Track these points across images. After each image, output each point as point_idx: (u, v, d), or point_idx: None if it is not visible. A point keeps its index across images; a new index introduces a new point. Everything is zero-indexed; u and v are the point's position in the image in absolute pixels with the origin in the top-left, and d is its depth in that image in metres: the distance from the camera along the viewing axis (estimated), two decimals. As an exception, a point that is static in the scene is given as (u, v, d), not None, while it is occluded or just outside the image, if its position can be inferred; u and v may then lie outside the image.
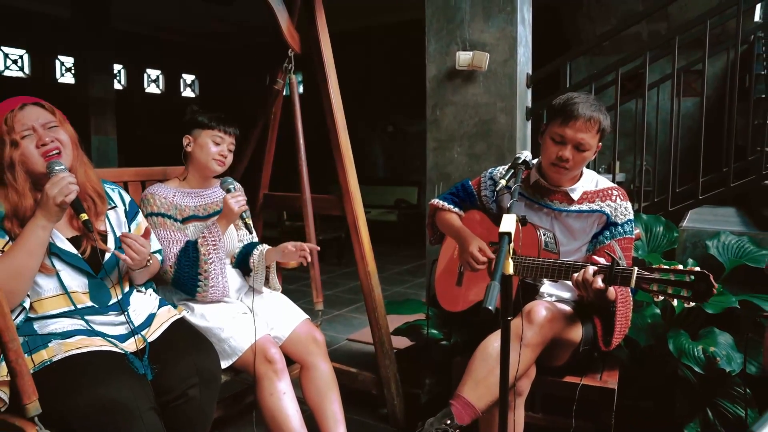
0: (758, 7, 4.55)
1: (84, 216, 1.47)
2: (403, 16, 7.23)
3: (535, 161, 1.88)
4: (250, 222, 1.92)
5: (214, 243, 1.86)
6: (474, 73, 2.77)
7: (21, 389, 1.30)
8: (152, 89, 9.10)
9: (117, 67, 8.07)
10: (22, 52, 7.45)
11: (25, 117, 1.52)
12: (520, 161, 1.71)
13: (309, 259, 2.04)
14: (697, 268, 1.41)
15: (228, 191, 1.92)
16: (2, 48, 7.23)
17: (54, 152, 1.53)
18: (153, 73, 9.09)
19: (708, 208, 3.24)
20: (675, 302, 1.42)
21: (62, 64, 7.88)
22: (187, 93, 9.67)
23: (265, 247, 2.11)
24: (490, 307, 1.01)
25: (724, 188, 2.78)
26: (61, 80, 7.88)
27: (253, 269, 2.05)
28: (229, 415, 2.36)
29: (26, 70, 7.49)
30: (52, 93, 7.41)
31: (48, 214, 1.45)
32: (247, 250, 2.10)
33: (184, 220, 1.97)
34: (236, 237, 2.11)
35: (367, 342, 3.36)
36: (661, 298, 1.44)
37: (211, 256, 1.85)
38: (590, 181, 1.88)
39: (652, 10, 3.40)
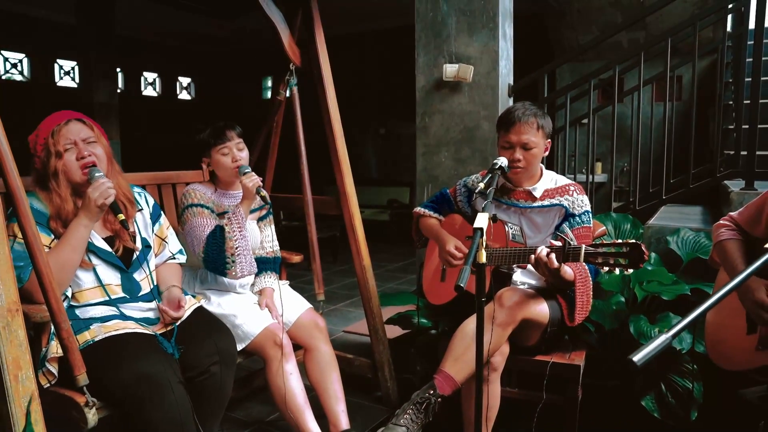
0: (730, 17, 4.82)
1: (121, 216, 1.70)
2: (396, 22, 7.46)
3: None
4: (265, 195, 2.12)
5: (237, 223, 2.07)
6: (460, 84, 3.02)
7: (72, 363, 1.53)
8: (149, 92, 9.29)
9: (115, 70, 8.22)
10: (21, 56, 7.62)
11: (69, 132, 1.75)
12: (496, 167, 1.96)
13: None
14: (632, 240, 1.67)
15: (244, 174, 2.13)
16: (2, 52, 7.40)
17: (90, 165, 1.77)
18: (150, 76, 9.27)
19: (677, 206, 3.51)
20: (617, 271, 1.67)
21: (61, 68, 8.05)
22: (184, 95, 9.86)
23: (269, 285, 2.33)
24: (462, 284, 1.26)
25: (684, 189, 3.04)
26: (60, 83, 8.06)
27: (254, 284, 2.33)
28: (238, 397, 2.60)
29: (26, 73, 7.66)
30: (52, 97, 7.60)
31: (90, 214, 1.68)
32: (264, 266, 2.34)
33: (220, 215, 2.19)
34: (258, 237, 2.33)
35: (362, 333, 3.59)
36: (606, 269, 1.69)
37: (235, 234, 2.06)
38: (550, 180, 2.15)
39: (630, 22, 3.67)
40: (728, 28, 5.18)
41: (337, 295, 4.70)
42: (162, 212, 2.07)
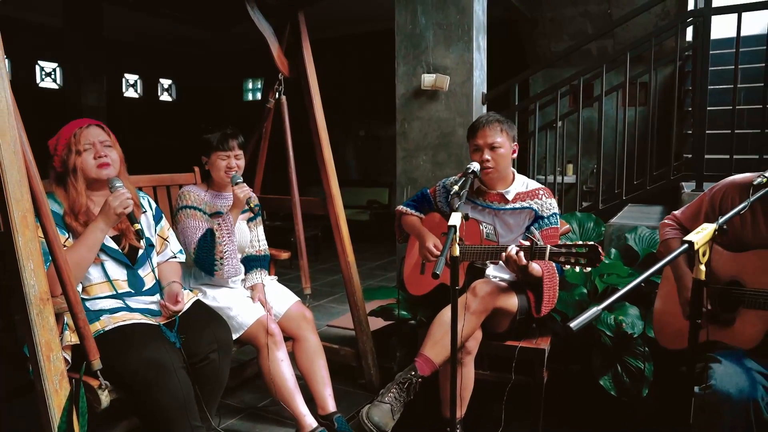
0: (690, 29, 5.12)
1: (137, 225, 1.87)
2: (375, 26, 7.67)
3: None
4: (255, 205, 2.29)
5: (227, 228, 2.26)
6: (437, 92, 3.24)
7: (88, 349, 1.69)
8: (131, 93, 9.34)
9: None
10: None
11: (89, 134, 1.94)
12: (469, 171, 2.16)
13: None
14: (591, 242, 1.88)
15: (236, 184, 2.31)
16: (-16, 54, 7.41)
17: (106, 167, 1.94)
18: (131, 77, 9.32)
19: (640, 206, 3.77)
20: (577, 269, 1.88)
21: (42, 69, 8.08)
22: (165, 97, 9.92)
23: (259, 281, 2.48)
24: (438, 272, 1.47)
25: (641, 191, 3.30)
26: (42, 85, 8.09)
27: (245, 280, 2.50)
28: (231, 386, 2.75)
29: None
30: (35, 98, 7.63)
31: (108, 220, 1.85)
32: (255, 263, 2.52)
33: (212, 215, 2.36)
34: (248, 236, 2.51)
35: (345, 327, 3.78)
36: (568, 267, 1.90)
37: (224, 239, 2.24)
38: (522, 184, 2.36)
39: (599, 34, 3.94)
40: (688, 37, 5.54)
41: (321, 291, 4.88)
42: (162, 214, 2.24)
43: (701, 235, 1.28)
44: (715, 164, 3.29)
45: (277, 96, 2.82)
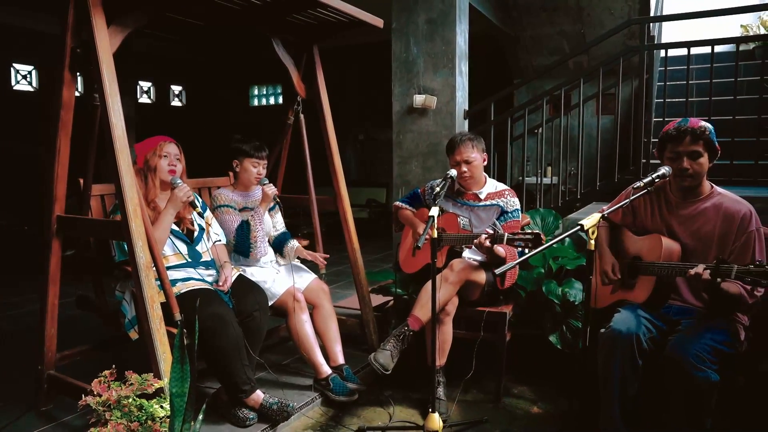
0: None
1: (198, 209, 2.55)
2: (372, 38, 8.31)
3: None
4: (278, 201, 3.02)
5: (258, 219, 2.93)
6: (426, 110, 3.91)
7: (171, 305, 2.35)
8: (144, 99, 9.99)
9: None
10: (30, 68, 8.27)
11: (168, 147, 2.65)
12: (448, 177, 2.83)
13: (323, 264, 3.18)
14: (537, 231, 2.54)
15: (264, 185, 3.00)
16: (14, 65, 8.06)
17: (173, 173, 2.62)
18: (144, 84, 9.98)
19: (601, 204, 4.43)
20: (526, 251, 2.54)
21: (65, 78, 8.71)
22: (176, 102, 10.57)
23: (296, 243, 3.19)
24: (419, 245, 2.14)
25: (592, 190, 3.98)
26: (64, 93, 8.71)
27: (285, 254, 3.16)
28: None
29: (35, 84, 8.32)
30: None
31: (175, 206, 2.53)
32: (284, 237, 3.20)
33: (241, 210, 3.03)
34: (271, 224, 3.18)
35: (349, 307, 4.44)
36: (520, 249, 2.56)
37: (257, 227, 2.92)
38: (492, 186, 3.04)
39: (576, 53, 4.61)
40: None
41: (326, 280, 5.51)
42: (207, 206, 2.92)
43: (590, 220, 1.95)
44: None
45: (295, 115, 3.49)
